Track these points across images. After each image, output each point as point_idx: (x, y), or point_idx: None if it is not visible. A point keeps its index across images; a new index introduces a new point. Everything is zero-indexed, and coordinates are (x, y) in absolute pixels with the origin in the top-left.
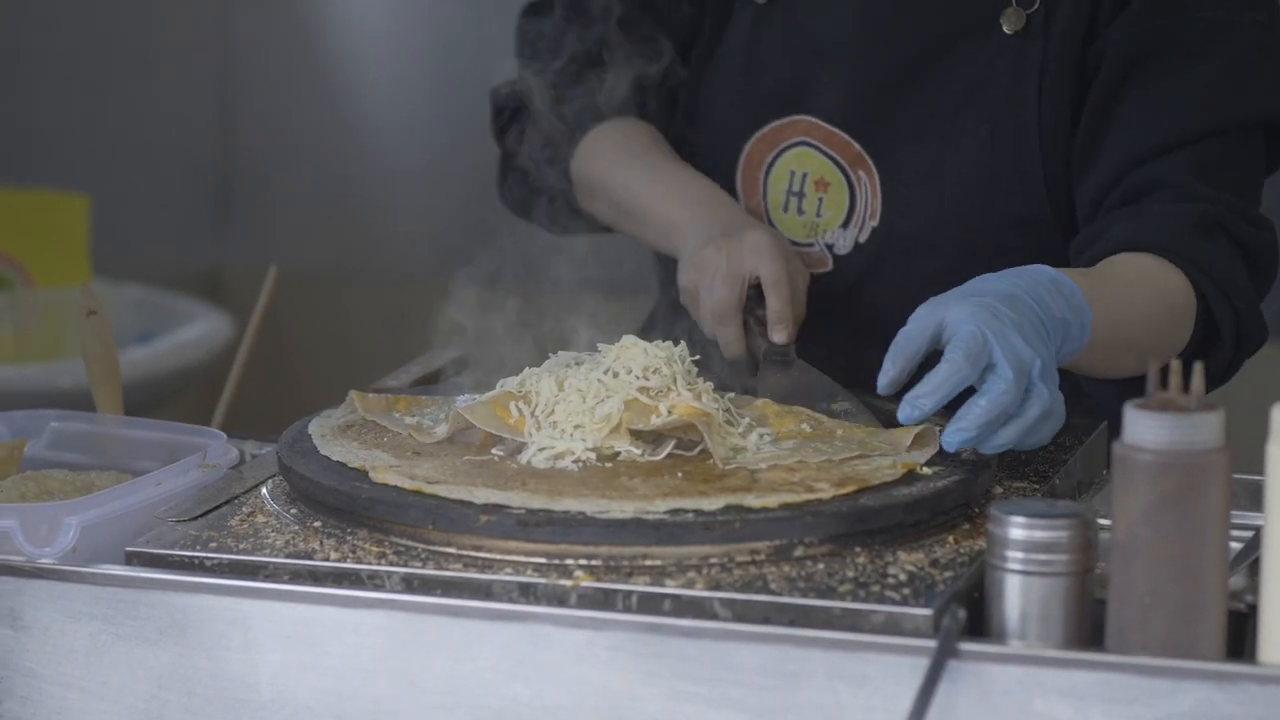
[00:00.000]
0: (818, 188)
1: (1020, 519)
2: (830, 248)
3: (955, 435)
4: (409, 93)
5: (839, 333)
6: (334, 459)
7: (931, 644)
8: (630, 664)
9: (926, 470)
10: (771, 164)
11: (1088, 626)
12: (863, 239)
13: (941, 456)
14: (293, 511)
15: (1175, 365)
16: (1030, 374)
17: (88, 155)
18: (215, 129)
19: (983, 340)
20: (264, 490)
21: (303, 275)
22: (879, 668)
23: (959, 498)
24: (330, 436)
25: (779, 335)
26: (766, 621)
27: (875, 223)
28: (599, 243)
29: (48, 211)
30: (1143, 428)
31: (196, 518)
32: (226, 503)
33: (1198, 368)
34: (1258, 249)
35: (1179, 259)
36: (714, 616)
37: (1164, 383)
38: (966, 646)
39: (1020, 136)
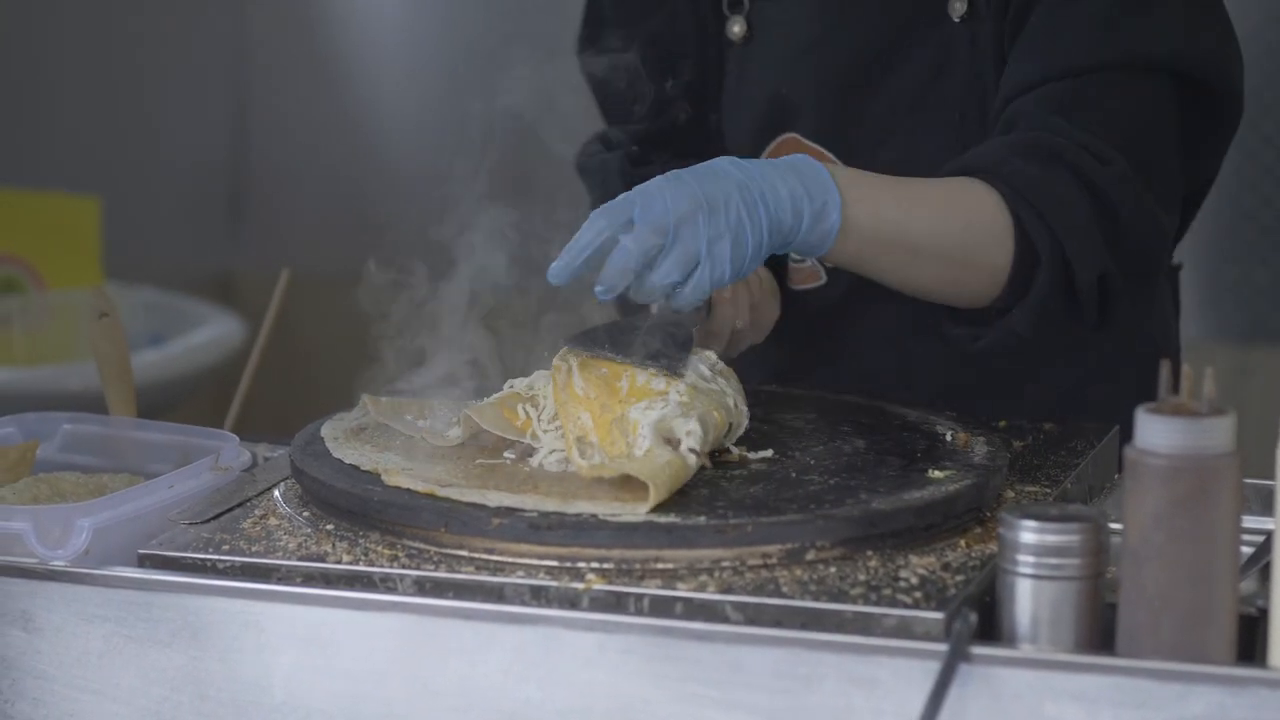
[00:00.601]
0: None
1: (1032, 523)
2: (821, 260)
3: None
4: (422, 95)
5: (836, 344)
6: (346, 462)
7: (943, 647)
8: (642, 667)
9: (938, 474)
10: None
11: (1099, 630)
12: None
13: (953, 460)
14: (305, 514)
15: (1187, 369)
16: (663, 230)
17: (99, 157)
18: (228, 132)
19: (625, 202)
20: (276, 493)
21: (315, 278)
22: (890, 671)
23: (970, 501)
24: (343, 439)
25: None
26: (778, 625)
27: None
28: None
29: (59, 214)
30: (1154, 432)
31: (209, 520)
32: (239, 505)
33: (1209, 372)
34: (1105, 186)
35: (996, 180)
36: (726, 620)
37: (1176, 387)
38: (978, 650)
39: (987, 117)
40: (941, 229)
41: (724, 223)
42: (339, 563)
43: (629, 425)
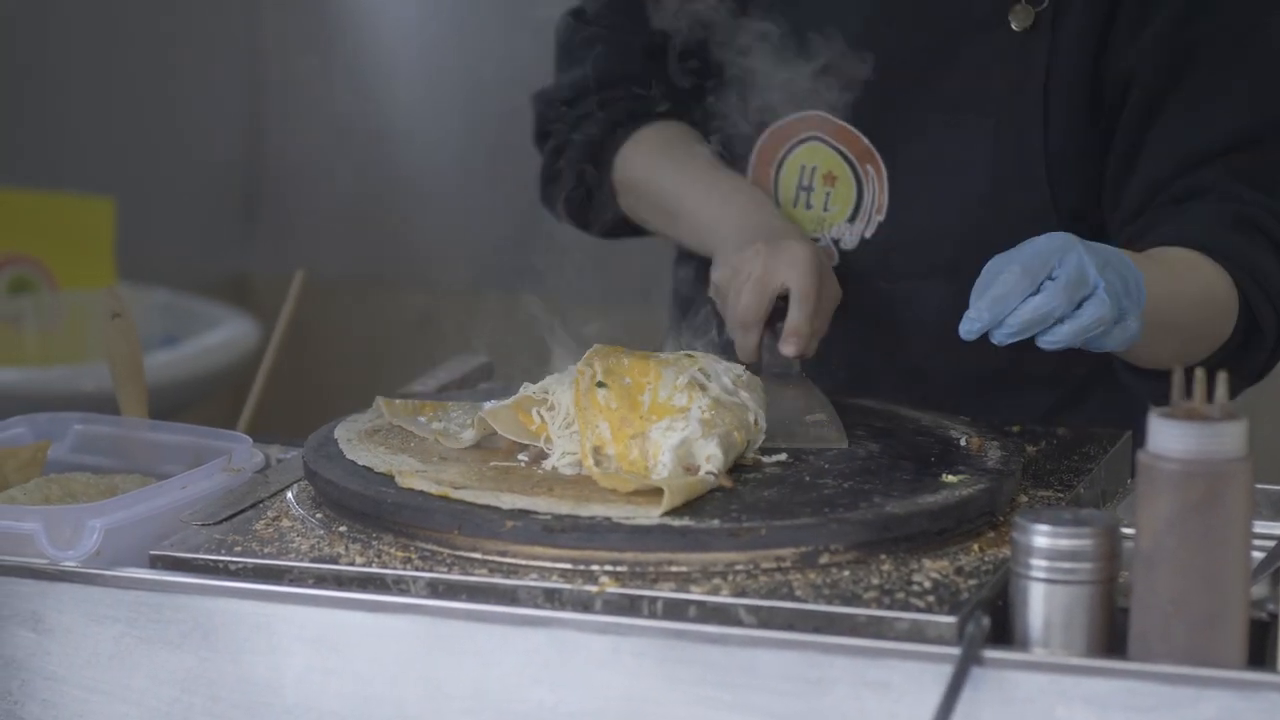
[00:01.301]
0: (825, 182)
1: (1045, 527)
2: (836, 242)
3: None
4: (437, 97)
5: (843, 328)
6: (360, 463)
7: (955, 651)
8: (655, 670)
9: (952, 478)
10: (783, 160)
11: (1111, 635)
12: (869, 234)
13: (966, 464)
14: (318, 516)
15: (1199, 374)
16: (1087, 280)
17: (113, 158)
18: (242, 133)
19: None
20: (289, 494)
21: (329, 280)
22: (903, 675)
23: (984, 506)
24: (357, 441)
25: (788, 347)
26: (791, 628)
27: (881, 217)
28: (625, 249)
29: (73, 214)
30: (1167, 436)
31: (221, 521)
32: (251, 506)
33: (1221, 377)
34: None
35: (1219, 255)
36: (739, 623)
37: (1188, 391)
38: (990, 654)
39: (1023, 132)
40: (1199, 311)
41: (1128, 280)
42: (352, 565)
43: (649, 445)
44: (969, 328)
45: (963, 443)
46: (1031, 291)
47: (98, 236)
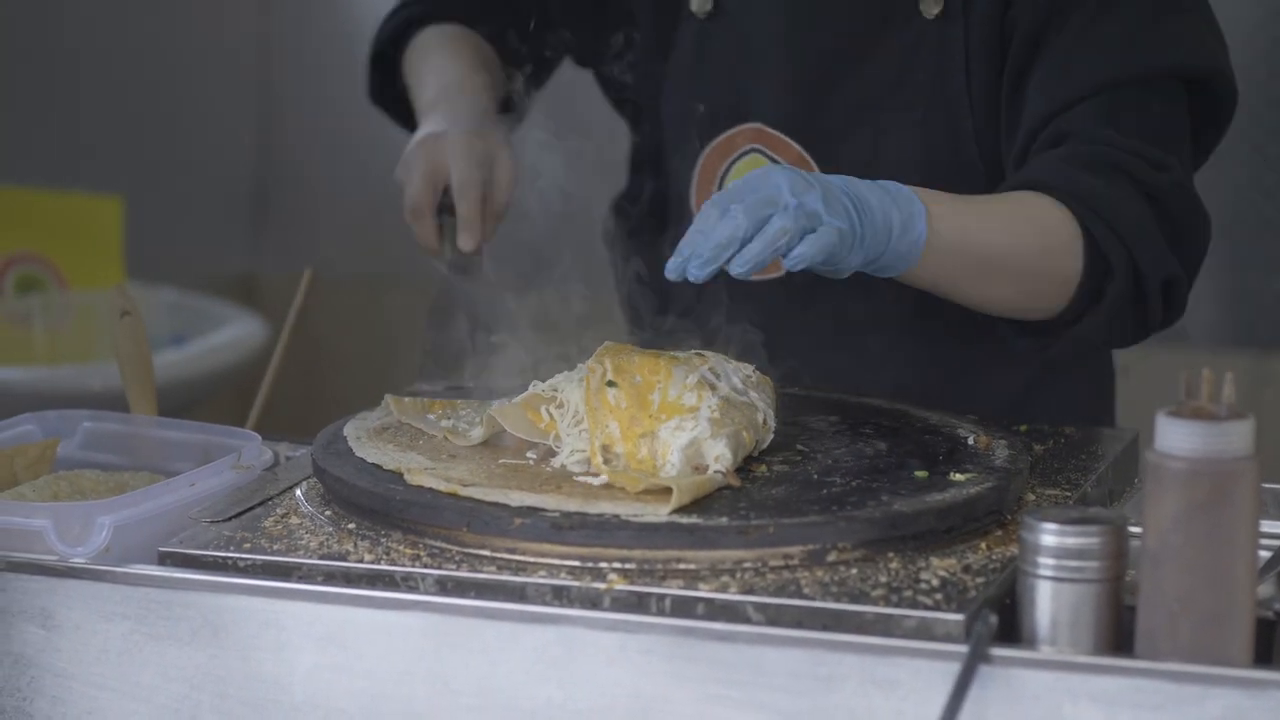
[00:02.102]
0: None
1: (1052, 525)
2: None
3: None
4: None
5: (797, 335)
6: (369, 461)
7: (963, 649)
8: (663, 667)
9: (960, 477)
10: (725, 174)
11: (1118, 633)
12: None
13: (974, 464)
14: (327, 513)
15: (1206, 373)
16: (777, 200)
17: (122, 157)
18: (251, 132)
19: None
20: (298, 492)
21: (337, 279)
22: (910, 672)
23: (991, 504)
24: (366, 439)
25: (464, 241)
26: (799, 626)
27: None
28: None
29: (81, 213)
30: (1174, 435)
31: (230, 519)
32: (260, 504)
33: (1228, 377)
34: (1164, 194)
35: (1063, 195)
36: (747, 620)
37: (1196, 391)
38: (997, 652)
39: (951, 119)
40: (1019, 241)
41: (836, 196)
42: (360, 562)
43: (658, 444)
44: (667, 270)
45: (970, 441)
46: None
47: (106, 235)
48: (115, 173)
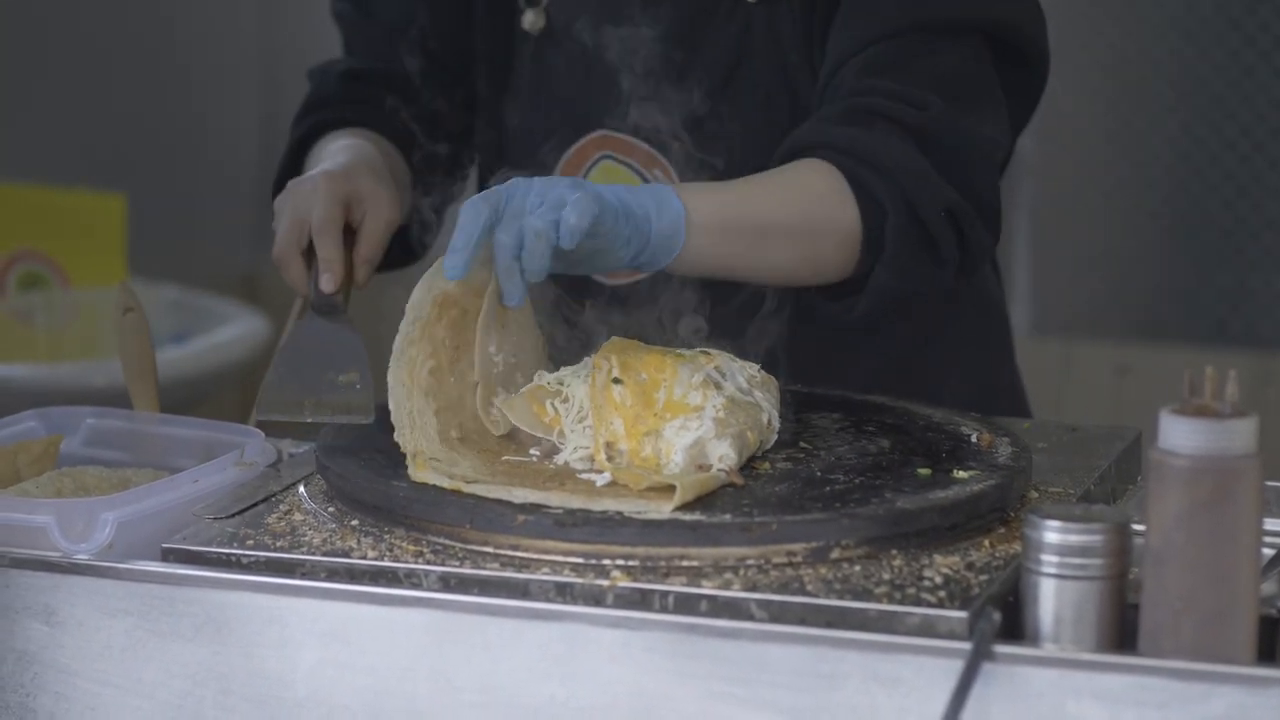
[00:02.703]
0: None
1: (1056, 523)
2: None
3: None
4: None
5: (660, 339)
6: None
7: (966, 646)
8: (666, 664)
9: (963, 474)
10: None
11: (1121, 631)
12: None
13: (977, 461)
14: (330, 510)
15: (1209, 372)
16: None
17: (125, 155)
18: (254, 130)
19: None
20: (301, 488)
21: None
22: (914, 670)
23: (995, 502)
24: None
25: (324, 282)
26: (802, 623)
27: None
28: None
29: (84, 211)
30: (1177, 433)
31: (233, 515)
32: (263, 500)
33: (1231, 375)
34: (924, 124)
35: (823, 151)
36: (750, 618)
37: (1199, 389)
38: (1001, 649)
39: (794, 94)
40: (783, 204)
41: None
42: (364, 558)
43: (662, 443)
44: (450, 261)
45: (974, 439)
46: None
47: (109, 233)
48: (118, 170)
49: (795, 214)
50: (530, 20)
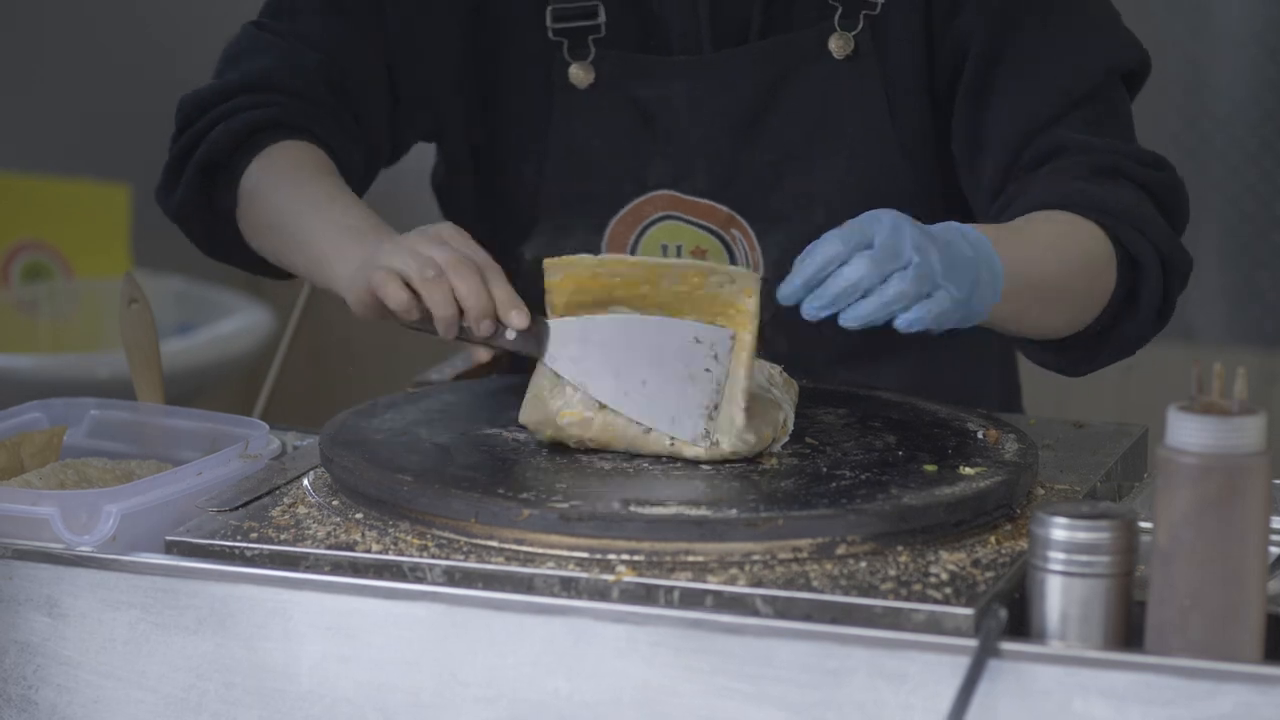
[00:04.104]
0: (695, 256)
1: (1063, 520)
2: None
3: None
4: None
5: None
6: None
7: (972, 643)
8: (671, 659)
9: (969, 471)
10: (636, 243)
11: (1128, 628)
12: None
13: (983, 457)
14: (334, 503)
15: (1217, 368)
16: (900, 255)
17: (130, 145)
18: None
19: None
20: (306, 481)
21: None
22: (920, 666)
23: (1001, 498)
24: None
25: (519, 319)
26: (808, 619)
27: (762, 274)
28: None
29: (89, 201)
30: (1185, 431)
31: (237, 508)
32: (268, 493)
33: (1240, 372)
34: (1160, 188)
35: (1087, 209)
36: (756, 613)
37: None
38: (1007, 646)
39: (881, 155)
40: (1068, 264)
41: (953, 259)
42: (368, 552)
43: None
44: (787, 290)
45: (979, 435)
46: (844, 261)
47: (113, 223)
48: (123, 161)
49: (1077, 274)
50: (577, 75)
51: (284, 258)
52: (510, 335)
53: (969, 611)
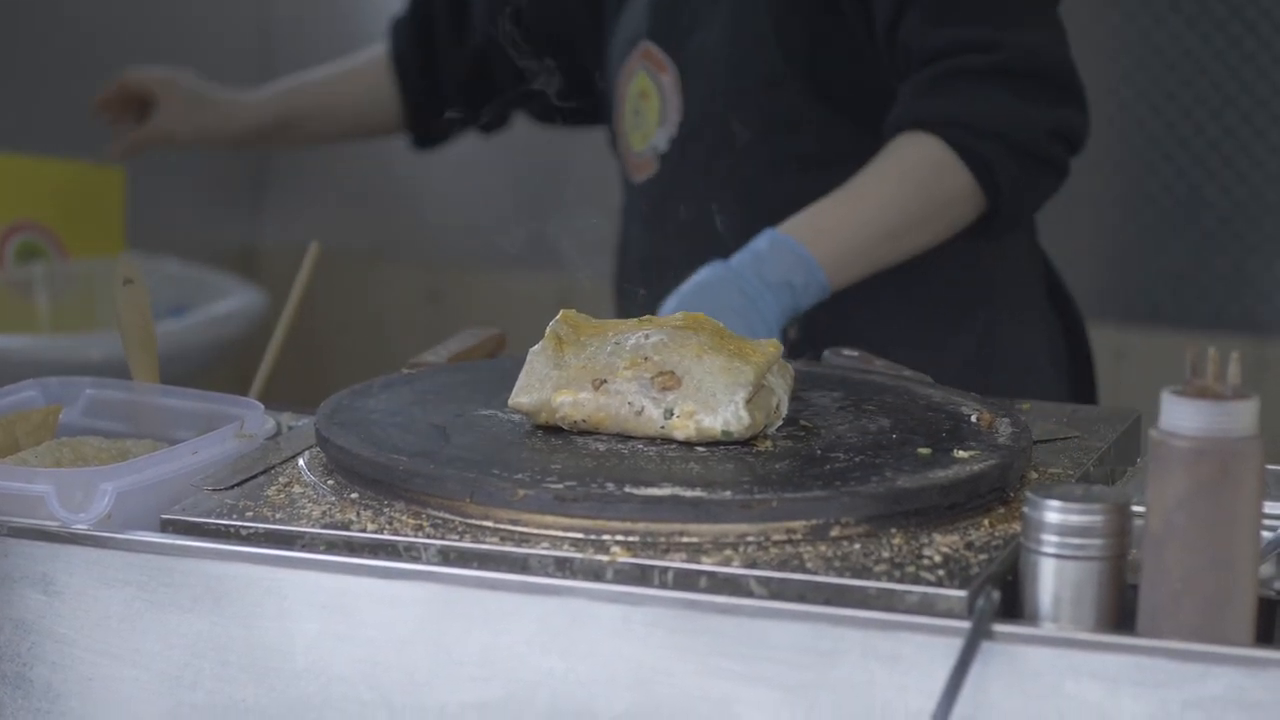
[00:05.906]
0: (642, 99)
1: (1056, 503)
2: (655, 149)
3: None
4: None
5: (673, 235)
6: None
7: (965, 625)
8: (665, 640)
9: (963, 454)
10: (625, 94)
11: (1120, 611)
12: (674, 134)
13: (978, 441)
14: (330, 483)
15: (1212, 353)
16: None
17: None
18: None
19: None
20: (301, 461)
21: (337, 253)
22: (913, 647)
23: (995, 481)
24: None
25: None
26: (802, 600)
27: (679, 117)
28: None
29: (83, 182)
30: (1179, 414)
31: (233, 487)
32: (263, 472)
33: (1234, 356)
34: (1003, 68)
35: (921, 125)
36: (750, 594)
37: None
38: (1000, 628)
39: (753, 26)
40: (902, 200)
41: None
42: (363, 531)
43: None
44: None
45: (974, 419)
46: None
47: (108, 205)
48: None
49: (916, 204)
50: None
51: None
52: None
53: (962, 593)
